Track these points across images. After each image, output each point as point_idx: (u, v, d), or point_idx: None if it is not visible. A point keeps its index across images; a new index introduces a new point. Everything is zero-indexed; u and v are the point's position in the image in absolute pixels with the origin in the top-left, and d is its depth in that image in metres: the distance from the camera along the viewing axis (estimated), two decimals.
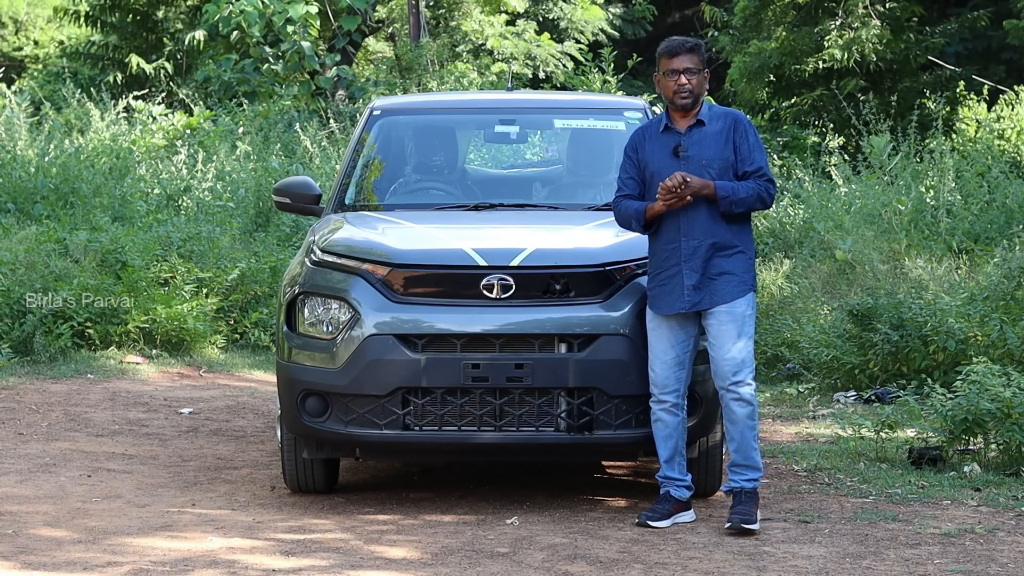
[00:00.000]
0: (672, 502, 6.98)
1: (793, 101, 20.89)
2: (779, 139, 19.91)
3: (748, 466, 6.91)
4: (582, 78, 20.17)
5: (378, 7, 25.39)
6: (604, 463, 8.36)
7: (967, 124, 17.41)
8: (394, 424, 7.00)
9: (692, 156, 6.93)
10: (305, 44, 20.78)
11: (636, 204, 7.00)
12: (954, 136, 17.06)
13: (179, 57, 24.44)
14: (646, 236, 7.18)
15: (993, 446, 8.20)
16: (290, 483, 7.55)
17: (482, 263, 7.05)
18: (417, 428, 7.00)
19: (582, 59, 23.74)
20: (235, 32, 21.32)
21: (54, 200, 14.97)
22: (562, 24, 26.33)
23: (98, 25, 25.35)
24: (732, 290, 6.89)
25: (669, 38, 7.17)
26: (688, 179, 6.79)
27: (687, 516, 7.01)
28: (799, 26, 20.28)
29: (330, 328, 7.13)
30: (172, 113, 19.42)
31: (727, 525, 6.79)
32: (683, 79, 6.90)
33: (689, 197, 6.80)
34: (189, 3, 25.12)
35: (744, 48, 20.60)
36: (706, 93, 7.06)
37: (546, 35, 25.22)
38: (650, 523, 6.89)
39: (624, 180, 7.10)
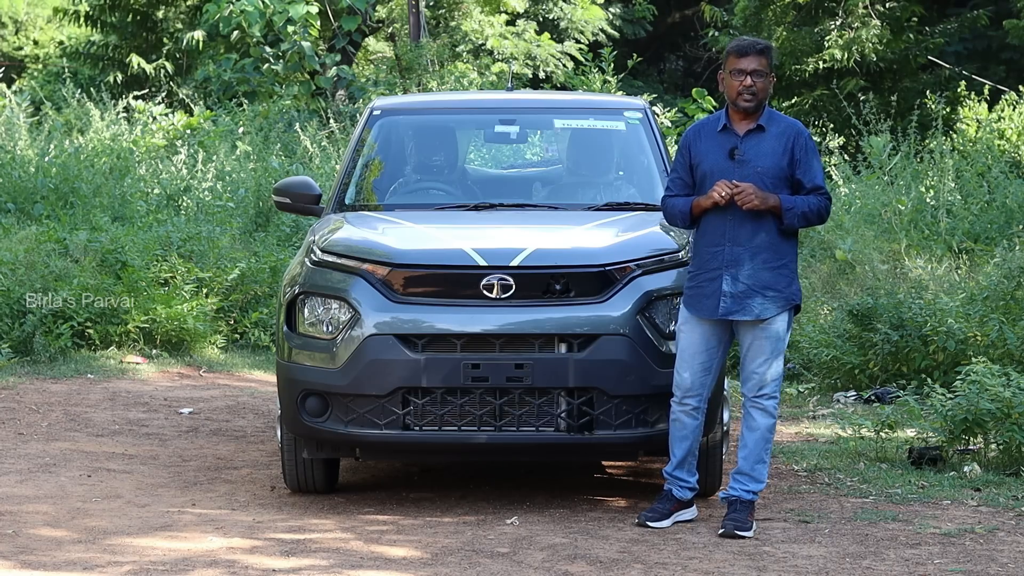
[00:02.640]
0: (673, 501, 6.96)
1: (793, 101, 20.89)
2: None
3: (752, 477, 6.87)
4: (582, 78, 20.16)
5: (378, 7, 25.38)
6: (604, 463, 8.36)
7: (967, 124, 17.41)
8: (394, 424, 7.00)
9: (748, 161, 6.79)
10: (305, 44, 20.78)
11: (681, 201, 6.91)
12: (954, 136, 17.06)
13: (179, 57, 24.44)
14: (649, 236, 7.16)
15: (993, 446, 8.20)
16: (290, 483, 7.55)
17: (482, 263, 7.05)
18: (417, 428, 7.00)
19: (582, 59, 23.72)
20: (235, 32, 21.32)
21: (54, 200, 14.97)
22: (562, 24, 26.34)
23: (98, 25, 25.34)
24: (772, 306, 6.80)
25: (740, 37, 7.05)
26: (754, 195, 6.66)
27: (688, 514, 6.99)
28: (799, 26, 20.29)
29: (330, 328, 7.12)
30: (172, 113, 19.41)
31: (720, 531, 6.77)
32: (749, 80, 6.76)
33: (755, 201, 6.68)
34: (189, 3, 25.11)
35: None
36: (769, 98, 6.93)
37: (546, 35, 25.22)
38: (649, 524, 6.87)
39: (673, 180, 7.02)
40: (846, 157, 17.44)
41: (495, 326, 6.98)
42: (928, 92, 18.89)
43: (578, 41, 26.14)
